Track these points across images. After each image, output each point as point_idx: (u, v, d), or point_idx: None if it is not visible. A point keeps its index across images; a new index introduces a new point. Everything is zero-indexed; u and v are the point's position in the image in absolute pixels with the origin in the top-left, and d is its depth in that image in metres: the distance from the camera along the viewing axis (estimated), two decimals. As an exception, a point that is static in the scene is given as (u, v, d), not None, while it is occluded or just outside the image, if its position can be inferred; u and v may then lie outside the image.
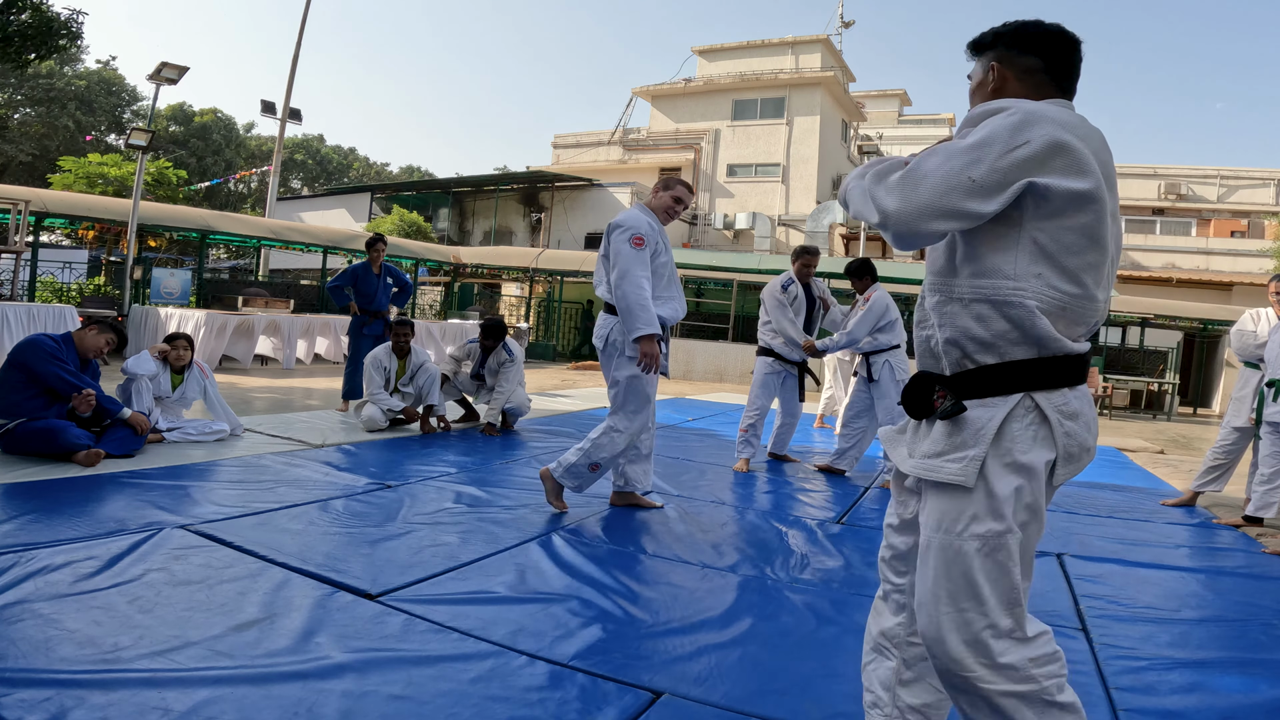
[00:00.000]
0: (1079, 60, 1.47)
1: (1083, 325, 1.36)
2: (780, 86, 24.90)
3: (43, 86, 30.55)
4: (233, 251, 26.12)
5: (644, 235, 3.42)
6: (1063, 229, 1.31)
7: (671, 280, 3.61)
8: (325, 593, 2.43)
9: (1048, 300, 1.32)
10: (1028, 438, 1.33)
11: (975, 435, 1.34)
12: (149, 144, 10.85)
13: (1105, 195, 1.31)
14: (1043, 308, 1.32)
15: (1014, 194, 1.30)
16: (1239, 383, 4.84)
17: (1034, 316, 1.31)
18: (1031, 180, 1.29)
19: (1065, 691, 1.33)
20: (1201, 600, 3.04)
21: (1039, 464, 1.33)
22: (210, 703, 1.72)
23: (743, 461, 5.12)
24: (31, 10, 9.16)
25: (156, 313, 9.98)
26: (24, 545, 2.61)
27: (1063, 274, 1.32)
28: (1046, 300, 1.32)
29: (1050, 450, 1.34)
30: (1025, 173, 1.29)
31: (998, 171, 1.28)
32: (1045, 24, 1.47)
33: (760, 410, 5.22)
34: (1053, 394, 1.34)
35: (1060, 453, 1.34)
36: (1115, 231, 1.37)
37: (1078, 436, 1.35)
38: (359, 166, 45.78)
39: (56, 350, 4.05)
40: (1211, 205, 22.83)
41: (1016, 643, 1.31)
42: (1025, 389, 1.34)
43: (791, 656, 2.22)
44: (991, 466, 1.33)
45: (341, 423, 5.90)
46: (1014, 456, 1.33)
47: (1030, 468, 1.33)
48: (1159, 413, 14.16)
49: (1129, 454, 7.70)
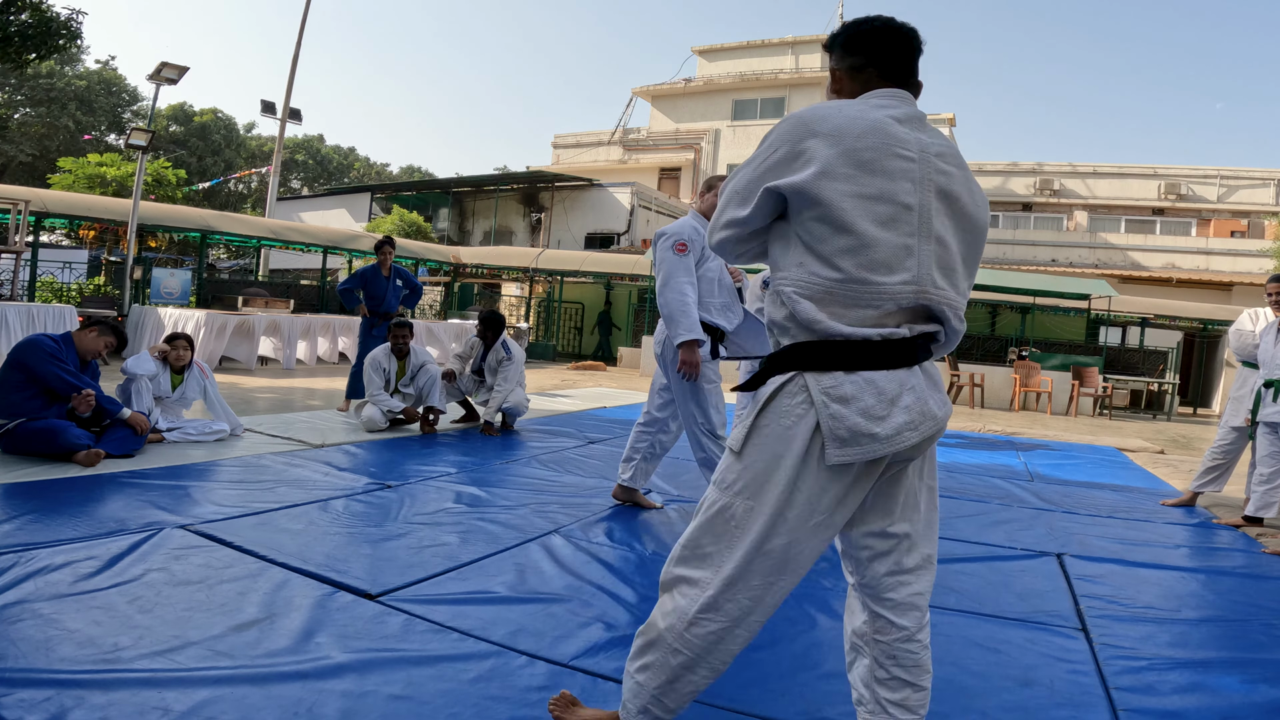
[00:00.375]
0: (909, 50, 1.52)
1: (861, 308, 1.39)
2: (780, 86, 24.92)
3: (43, 86, 30.55)
4: (233, 251, 26.11)
5: (687, 241, 3.35)
6: (809, 221, 1.40)
7: (720, 285, 3.48)
8: (325, 593, 2.43)
9: (808, 286, 1.40)
10: (793, 415, 1.40)
11: (752, 407, 1.46)
12: (149, 144, 10.85)
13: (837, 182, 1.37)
14: (803, 293, 1.41)
15: (763, 199, 1.43)
16: (1237, 382, 4.84)
17: (795, 302, 1.41)
18: (766, 187, 1.42)
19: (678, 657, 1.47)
20: (1201, 600, 3.04)
21: (798, 441, 1.39)
22: (210, 703, 1.72)
23: None
24: (31, 10, 9.16)
25: (156, 313, 9.99)
26: (24, 545, 2.61)
27: (821, 261, 1.39)
28: (806, 286, 1.41)
29: (812, 429, 1.38)
30: (765, 180, 1.43)
31: (750, 181, 1.45)
32: (873, 23, 1.53)
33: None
34: (822, 375, 1.39)
35: (826, 434, 1.37)
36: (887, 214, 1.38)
37: (846, 420, 1.36)
38: (359, 166, 45.78)
39: (56, 350, 4.05)
40: (1211, 205, 22.83)
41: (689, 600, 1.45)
42: (796, 369, 1.41)
43: (791, 656, 2.22)
44: (755, 437, 1.43)
45: (342, 423, 5.90)
46: (775, 431, 1.41)
47: (789, 442, 1.39)
48: (1159, 413, 14.16)
49: (1129, 454, 7.70)
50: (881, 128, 1.40)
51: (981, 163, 25.22)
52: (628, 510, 3.79)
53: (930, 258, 1.40)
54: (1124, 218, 23.71)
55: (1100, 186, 23.96)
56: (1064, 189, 24.18)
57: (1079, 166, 24.15)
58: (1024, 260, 22.70)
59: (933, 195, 1.41)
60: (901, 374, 1.40)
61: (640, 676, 1.51)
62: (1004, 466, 6.14)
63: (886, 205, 1.38)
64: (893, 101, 1.47)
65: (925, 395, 1.41)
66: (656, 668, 1.49)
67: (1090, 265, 22.08)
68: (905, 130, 1.43)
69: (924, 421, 1.40)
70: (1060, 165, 24.31)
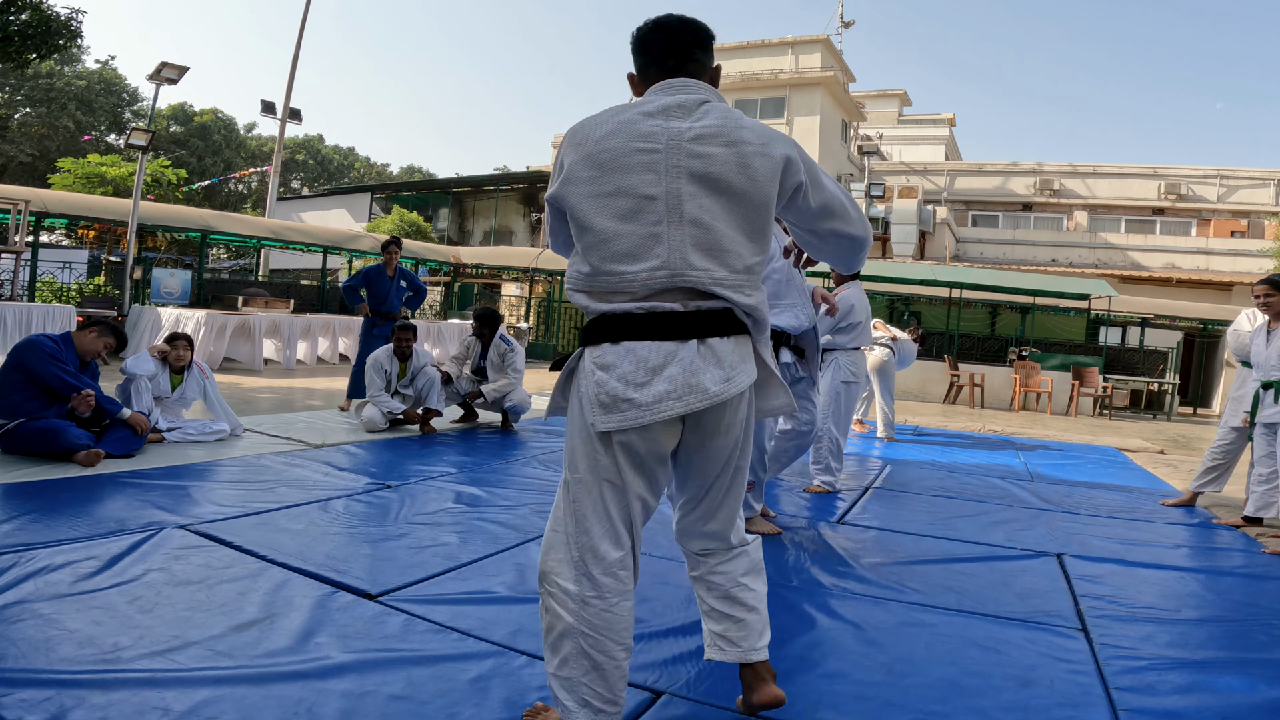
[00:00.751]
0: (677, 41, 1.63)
1: (618, 295, 1.51)
2: (780, 86, 24.90)
3: (43, 86, 30.55)
4: (233, 251, 26.11)
5: None
6: (571, 223, 1.57)
7: (790, 286, 3.25)
8: (325, 593, 2.43)
9: (575, 280, 1.58)
10: (577, 385, 1.57)
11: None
12: (149, 144, 10.85)
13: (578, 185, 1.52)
14: (574, 286, 1.59)
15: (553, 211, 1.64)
16: (1236, 383, 4.84)
17: (572, 294, 1.59)
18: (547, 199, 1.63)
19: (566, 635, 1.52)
20: (1201, 600, 3.04)
21: (577, 406, 1.56)
22: (210, 703, 1.72)
23: None
24: (31, 10, 9.16)
25: (156, 313, 9.98)
26: (24, 545, 2.61)
27: (580, 257, 1.56)
28: (574, 280, 1.58)
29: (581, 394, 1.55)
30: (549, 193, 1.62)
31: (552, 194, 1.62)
32: (647, 24, 1.67)
33: None
34: (594, 348, 1.53)
35: (591, 398, 1.50)
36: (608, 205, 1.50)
37: (607, 385, 1.47)
38: (359, 166, 45.78)
39: (56, 350, 4.05)
40: (1211, 205, 22.82)
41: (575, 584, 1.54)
42: (581, 345, 1.58)
43: (791, 657, 2.22)
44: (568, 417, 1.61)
45: (342, 423, 5.90)
46: (574, 406, 1.58)
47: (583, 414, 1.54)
48: (1159, 413, 14.16)
49: (1129, 454, 7.70)
50: (624, 127, 1.51)
51: (981, 163, 25.23)
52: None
53: (684, 242, 1.48)
54: (1124, 218, 23.70)
55: (1100, 186, 23.96)
56: (1064, 189, 24.18)
57: (1079, 166, 24.15)
58: (1024, 260, 22.70)
59: (683, 181, 1.49)
60: (670, 346, 1.47)
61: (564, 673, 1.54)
62: (1004, 466, 6.14)
63: (626, 199, 1.48)
64: (660, 95, 1.58)
65: (696, 369, 1.47)
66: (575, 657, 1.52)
67: (1090, 265, 22.08)
68: (655, 123, 1.51)
69: (688, 393, 1.46)
70: (1060, 165, 24.31)
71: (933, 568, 3.18)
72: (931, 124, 30.93)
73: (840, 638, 2.40)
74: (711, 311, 1.50)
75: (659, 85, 1.61)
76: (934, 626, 2.52)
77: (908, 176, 25.38)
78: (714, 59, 1.69)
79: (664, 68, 1.63)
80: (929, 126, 30.68)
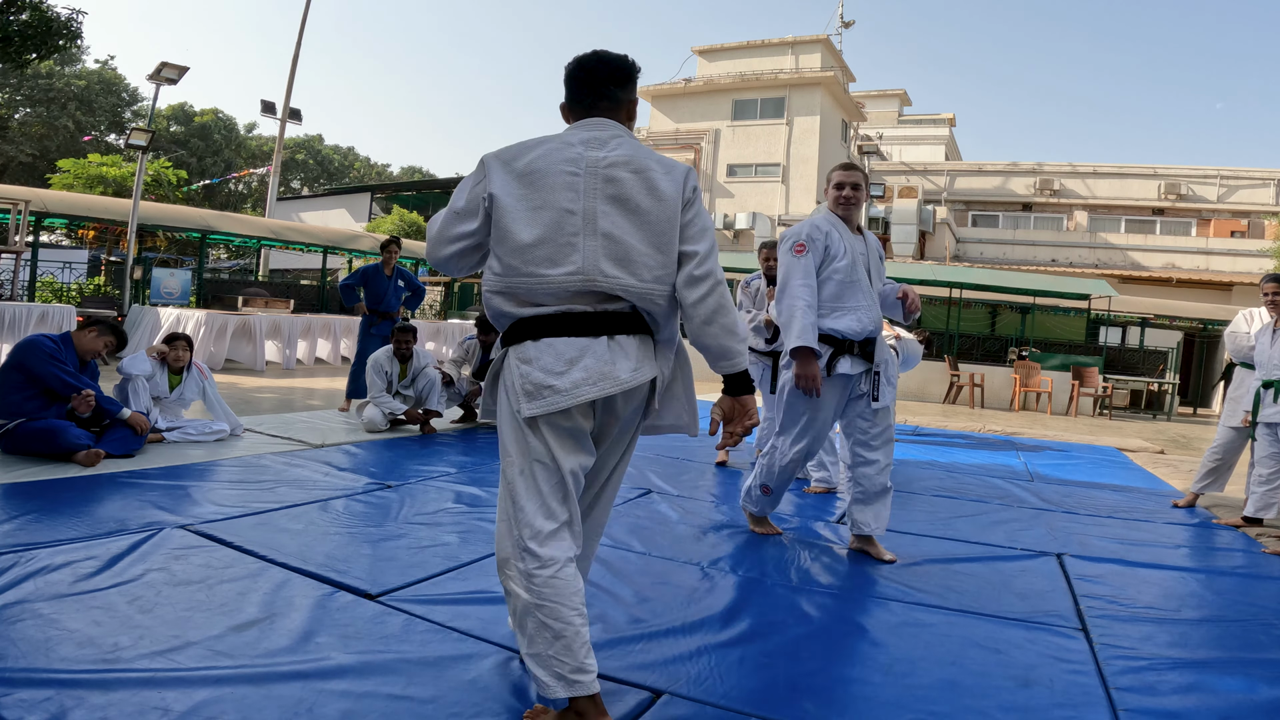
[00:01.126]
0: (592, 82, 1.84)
1: (537, 297, 1.71)
2: (780, 86, 24.90)
3: (42, 86, 30.54)
4: (233, 251, 26.11)
5: (805, 241, 3.04)
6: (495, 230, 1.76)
7: (853, 287, 3.06)
8: (325, 593, 2.43)
9: (493, 283, 1.75)
10: (503, 381, 1.76)
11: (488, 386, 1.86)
12: (149, 144, 10.85)
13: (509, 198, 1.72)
14: (493, 289, 1.76)
15: (484, 214, 1.77)
16: (1234, 383, 4.83)
17: (491, 297, 1.77)
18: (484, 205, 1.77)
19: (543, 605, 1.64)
20: (1201, 600, 3.04)
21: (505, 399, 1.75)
22: (210, 703, 1.72)
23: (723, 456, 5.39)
24: (31, 10, 9.16)
25: (156, 313, 9.98)
26: (24, 545, 2.61)
27: (500, 261, 1.75)
28: (492, 283, 1.76)
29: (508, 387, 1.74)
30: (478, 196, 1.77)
31: (471, 200, 1.77)
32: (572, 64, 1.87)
33: None
34: (517, 346, 1.72)
35: (517, 389, 1.69)
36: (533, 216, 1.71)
37: (531, 376, 1.67)
38: (359, 166, 45.78)
39: (56, 351, 4.05)
40: (1211, 205, 22.81)
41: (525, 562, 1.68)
42: (504, 346, 1.76)
43: (791, 657, 2.22)
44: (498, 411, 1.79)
45: (342, 423, 5.90)
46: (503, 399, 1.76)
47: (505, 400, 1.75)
48: (1159, 413, 14.15)
49: (1129, 454, 7.70)
50: (552, 152, 1.74)
51: (981, 163, 25.22)
52: (627, 510, 3.79)
53: (597, 251, 1.69)
54: (1124, 218, 23.69)
55: (1100, 186, 23.95)
56: (1064, 189, 24.17)
57: (1079, 166, 24.14)
58: (1024, 260, 22.69)
59: (599, 201, 1.70)
60: (584, 341, 1.68)
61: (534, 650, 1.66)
62: (1004, 466, 6.14)
63: (550, 212, 1.69)
64: (580, 131, 1.80)
65: (609, 359, 1.68)
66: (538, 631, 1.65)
67: (1090, 265, 22.08)
68: (577, 151, 1.74)
69: (602, 380, 1.67)
70: (1060, 165, 24.30)
71: (933, 568, 3.18)
72: (931, 124, 30.93)
73: (840, 638, 2.40)
74: (619, 313, 1.71)
75: (579, 124, 1.83)
76: (934, 626, 2.52)
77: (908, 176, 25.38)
78: (634, 92, 1.91)
79: (584, 103, 1.85)
80: (929, 126, 30.67)
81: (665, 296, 1.74)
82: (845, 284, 3.05)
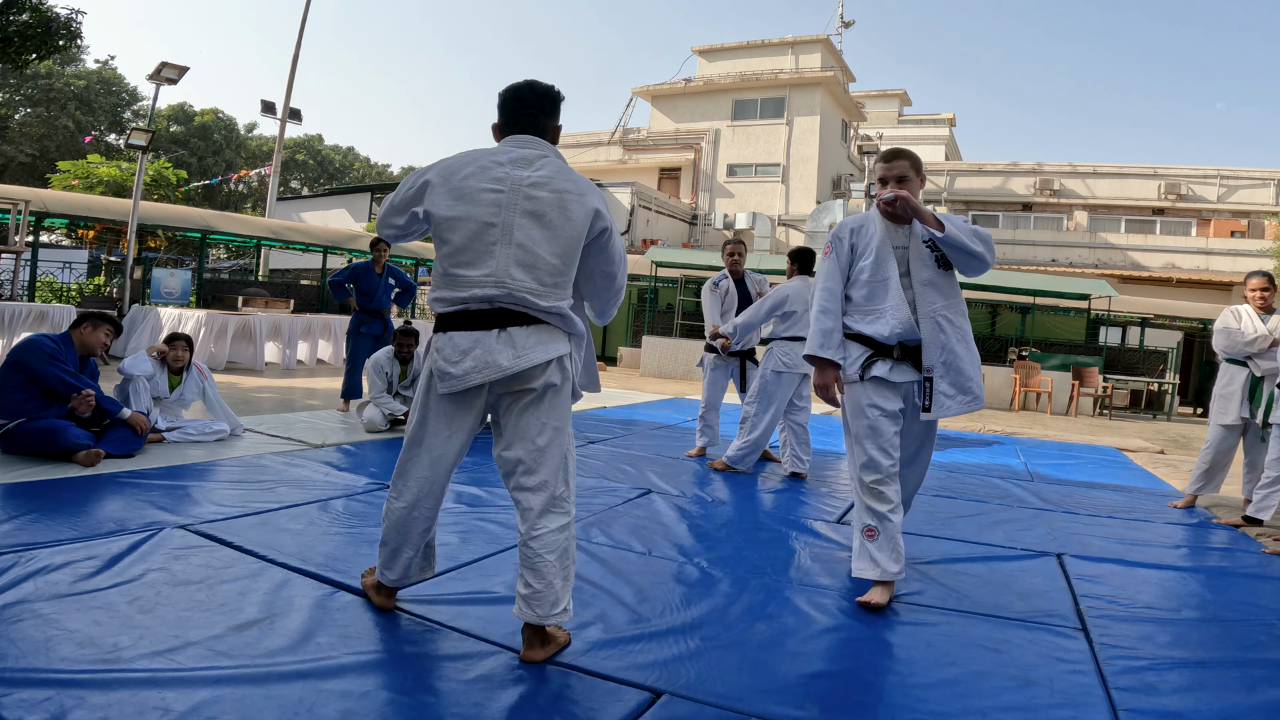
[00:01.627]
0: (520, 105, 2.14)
1: (456, 291, 2.03)
2: (780, 86, 24.90)
3: (42, 87, 30.53)
4: (233, 251, 26.11)
5: (831, 241, 2.88)
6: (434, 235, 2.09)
7: (882, 287, 2.76)
8: (325, 593, 2.43)
9: (434, 286, 2.11)
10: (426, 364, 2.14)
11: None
12: (149, 144, 10.85)
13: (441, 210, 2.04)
14: (433, 292, 2.10)
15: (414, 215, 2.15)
16: (1223, 380, 4.79)
17: (432, 302, 2.09)
18: (414, 210, 2.13)
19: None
20: (1201, 600, 3.04)
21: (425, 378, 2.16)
22: (210, 703, 1.72)
23: (696, 449, 5.56)
24: (31, 10, 9.15)
25: (156, 313, 9.98)
26: (24, 545, 2.61)
27: (438, 262, 2.08)
28: (433, 287, 2.11)
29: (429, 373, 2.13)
30: (414, 203, 2.12)
31: (403, 200, 2.15)
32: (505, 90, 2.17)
33: (708, 402, 5.56)
34: (435, 338, 2.09)
35: (436, 370, 2.08)
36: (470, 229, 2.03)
37: (438, 363, 2.06)
38: (359, 166, 45.76)
39: (56, 350, 4.05)
40: (1211, 205, 22.80)
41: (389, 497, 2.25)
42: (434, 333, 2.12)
43: (792, 656, 2.22)
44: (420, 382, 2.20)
45: (341, 423, 5.90)
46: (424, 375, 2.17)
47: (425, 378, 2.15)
48: (1159, 413, 14.16)
49: (1129, 454, 7.70)
50: (481, 170, 2.03)
51: (981, 163, 25.21)
52: (626, 510, 3.79)
53: (509, 259, 2.00)
54: (1124, 218, 23.68)
55: (1100, 186, 23.95)
56: (1064, 189, 24.17)
57: (1079, 166, 24.14)
58: (1024, 260, 22.69)
59: (517, 215, 2.00)
60: (476, 334, 2.01)
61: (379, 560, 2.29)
62: (1004, 466, 6.14)
63: (474, 224, 2.00)
64: (510, 148, 2.09)
65: (493, 350, 1.99)
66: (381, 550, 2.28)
67: (1090, 265, 22.07)
68: (504, 169, 2.03)
69: (486, 368, 1.99)
70: (1060, 165, 24.29)
71: (933, 568, 3.18)
72: (931, 124, 30.92)
73: (841, 637, 2.40)
74: (506, 311, 2.01)
75: (511, 140, 2.12)
76: (934, 626, 2.52)
77: (908, 176, 25.30)
78: (558, 119, 2.20)
79: (515, 126, 2.14)
80: (929, 126, 30.67)
81: (562, 297, 2.06)
82: (873, 284, 2.78)
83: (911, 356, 2.76)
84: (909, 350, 2.76)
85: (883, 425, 2.75)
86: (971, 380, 2.76)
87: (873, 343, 2.77)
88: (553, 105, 2.16)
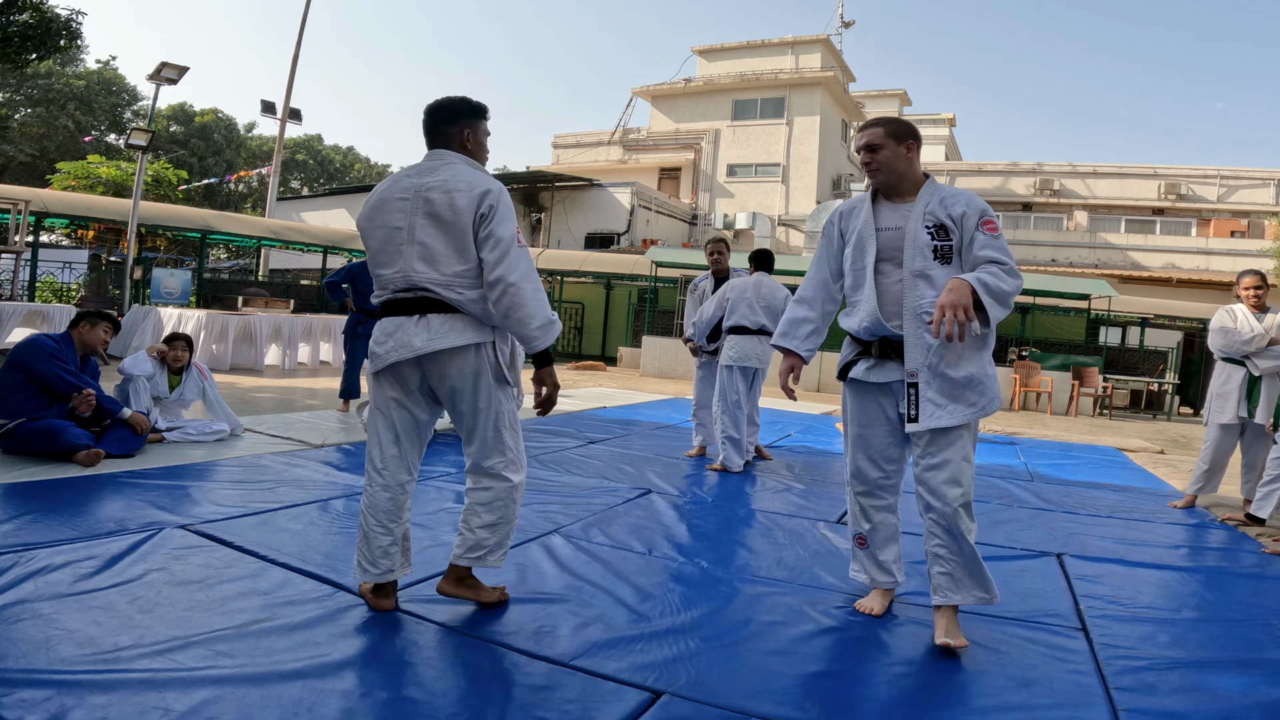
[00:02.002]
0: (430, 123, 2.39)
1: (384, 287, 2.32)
2: (780, 86, 24.90)
3: (42, 87, 30.53)
4: (233, 251, 26.10)
5: (825, 228, 2.68)
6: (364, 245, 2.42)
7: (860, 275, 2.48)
8: (325, 593, 2.43)
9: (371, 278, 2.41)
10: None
11: None
12: (149, 144, 10.85)
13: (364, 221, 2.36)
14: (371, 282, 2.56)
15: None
16: (1219, 379, 4.78)
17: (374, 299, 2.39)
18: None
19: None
20: (1201, 600, 3.04)
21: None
22: (210, 703, 1.72)
23: (696, 449, 5.58)
24: (31, 10, 9.16)
25: (156, 313, 9.98)
26: (24, 545, 2.61)
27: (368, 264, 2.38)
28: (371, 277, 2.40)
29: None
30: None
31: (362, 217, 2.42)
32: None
33: (698, 400, 5.59)
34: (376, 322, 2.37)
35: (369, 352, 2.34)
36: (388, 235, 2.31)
37: (372, 345, 2.33)
38: (359, 167, 45.74)
39: (56, 350, 4.05)
40: (1211, 205, 22.81)
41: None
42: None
43: (792, 656, 2.22)
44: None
45: (341, 423, 5.90)
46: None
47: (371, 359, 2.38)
48: (1159, 413, 14.16)
49: (1129, 454, 7.70)
50: (392, 186, 2.33)
51: (981, 163, 25.22)
52: (626, 510, 3.79)
53: (413, 255, 2.26)
54: (1124, 218, 23.69)
55: (1100, 186, 23.95)
56: (1064, 189, 24.17)
57: (1079, 166, 24.14)
58: (1024, 260, 22.69)
59: (418, 217, 2.25)
60: (398, 319, 2.27)
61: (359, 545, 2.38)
62: (1004, 466, 6.14)
63: (385, 230, 2.30)
64: (422, 163, 2.37)
65: (410, 333, 2.24)
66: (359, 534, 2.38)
67: (1090, 265, 22.07)
68: (411, 180, 2.30)
69: (402, 348, 2.24)
70: (1060, 165, 24.30)
71: (933, 568, 3.17)
72: (931, 124, 30.92)
73: (841, 637, 2.40)
74: (425, 299, 2.25)
75: (426, 156, 2.39)
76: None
77: (908, 176, 25.31)
78: (465, 125, 2.38)
79: (429, 140, 2.40)
80: (929, 126, 30.66)
81: (468, 287, 2.25)
82: (855, 272, 2.51)
83: (898, 355, 2.43)
84: (893, 347, 2.44)
85: (869, 433, 2.53)
86: (967, 387, 2.34)
87: (855, 339, 2.54)
88: (451, 114, 2.37)
